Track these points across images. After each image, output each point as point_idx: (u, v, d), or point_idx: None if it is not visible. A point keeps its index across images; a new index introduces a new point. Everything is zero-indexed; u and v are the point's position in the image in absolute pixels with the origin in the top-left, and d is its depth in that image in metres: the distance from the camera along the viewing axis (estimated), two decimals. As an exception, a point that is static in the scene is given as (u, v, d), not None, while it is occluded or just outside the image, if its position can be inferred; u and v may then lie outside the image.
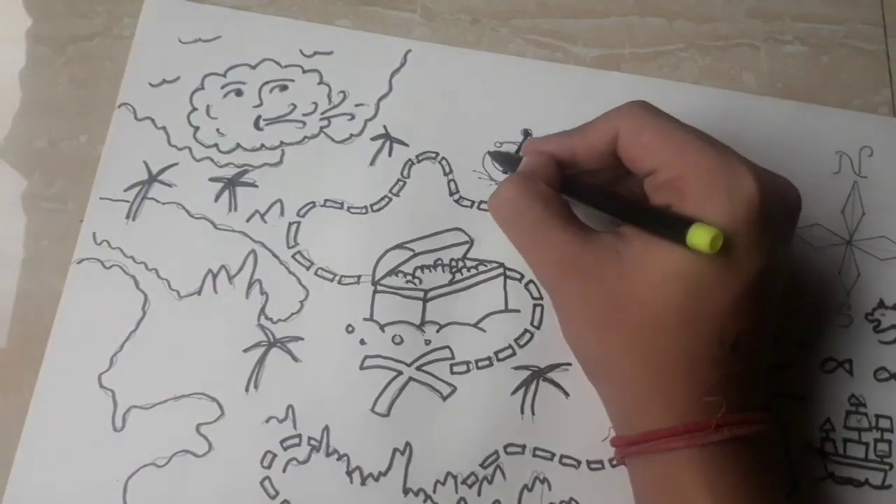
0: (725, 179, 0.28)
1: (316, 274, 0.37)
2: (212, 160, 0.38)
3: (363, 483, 0.34)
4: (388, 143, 0.38)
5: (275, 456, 0.34)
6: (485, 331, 0.36)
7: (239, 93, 0.39)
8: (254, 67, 0.40)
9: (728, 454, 0.29)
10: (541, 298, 0.37)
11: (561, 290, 0.31)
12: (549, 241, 0.30)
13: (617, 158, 0.31)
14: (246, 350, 0.36)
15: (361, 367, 0.35)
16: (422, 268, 0.37)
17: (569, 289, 0.30)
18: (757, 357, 0.30)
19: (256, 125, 0.39)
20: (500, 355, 0.36)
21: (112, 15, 0.41)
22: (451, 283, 0.37)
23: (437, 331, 0.36)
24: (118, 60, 0.40)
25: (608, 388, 0.32)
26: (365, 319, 0.36)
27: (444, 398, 0.35)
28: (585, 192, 0.33)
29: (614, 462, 0.35)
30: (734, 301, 0.28)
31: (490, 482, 0.34)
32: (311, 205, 0.38)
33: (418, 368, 0.36)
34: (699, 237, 0.27)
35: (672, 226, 0.28)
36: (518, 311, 0.37)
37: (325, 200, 0.38)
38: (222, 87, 0.39)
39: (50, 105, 0.39)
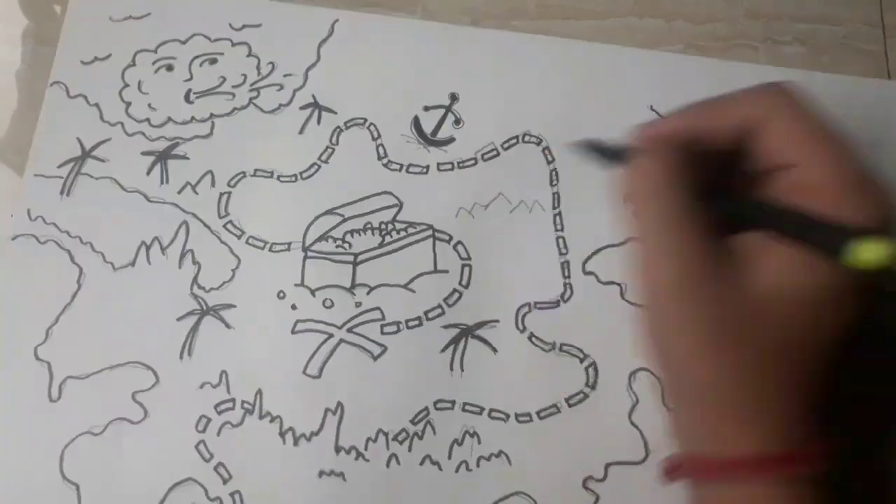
0: (871, 195, 0.26)
1: (247, 242, 0.37)
2: (143, 135, 0.39)
3: (296, 443, 0.35)
4: (316, 112, 0.39)
5: (209, 420, 0.35)
6: (414, 291, 0.37)
7: (170, 68, 0.40)
8: (184, 42, 0.40)
9: (819, 487, 0.26)
10: (469, 259, 0.37)
11: (677, 297, 0.27)
12: (683, 241, 0.27)
13: (739, 144, 0.28)
14: (179, 318, 0.36)
15: (293, 332, 0.36)
16: (351, 232, 0.37)
17: (687, 297, 0.27)
18: (848, 387, 0.29)
19: (187, 99, 0.39)
20: (430, 315, 0.37)
21: None
22: (381, 245, 0.37)
23: (368, 293, 0.37)
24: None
25: (696, 406, 0.28)
26: (296, 285, 0.37)
27: (375, 358, 0.36)
28: (713, 194, 0.29)
29: (542, 414, 0.35)
30: (842, 330, 0.27)
31: (420, 437, 0.35)
32: (241, 175, 0.38)
33: (349, 330, 0.36)
34: (869, 251, 0.24)
35: (831, 235, 0.25)
36: (447, 271, 0.37)
37: (255, 170, 0.38)
38: (153, 63, 0.40)
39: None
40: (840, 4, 0.41)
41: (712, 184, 0.29)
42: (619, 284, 0.37)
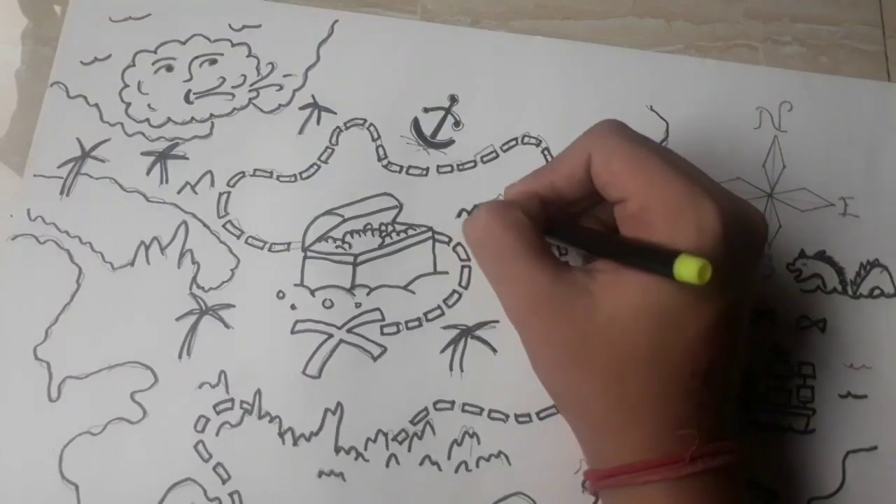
0: (693, 212, 0.28)
1: (246, 242, 0.37)
2: (143, 135, 0.39)
3: (295, 443, 0.35)
4: (316, 112, 0.39)
5: (208, 420, 0.35)
6: (414, 293, 0.37)
7: (169, 68, 0.40)
8: (184, 43, 0.40)
9: (702, 485, 0.29)
10: (468, 260, 0.37)
11: (529, 325, 0.31)
12: (521, 274, 0.30)
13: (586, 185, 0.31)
14: (178, 318, 0.36)
15: (292, 332, 0.36)
16: (351, 233, 0.37)
17: (537, 325, 0.30)
18: (728, 386, 0.30)
19: (187, 99, 0.39)
20: (430, 315, 0.37)
21: None
22: (381, 247, 0.37)
23: (368, 294, 0.37)
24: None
25: (579, 423, 0.31)
26: (295, 285, 0.37)
27: (375, 359, 0.36)
28: (562, 230, 0.33)
29: (541, 415, 0.35)
30: (705, 332, 0.28)
31: (420, 438, 0.35)
32: (240, 175, 0.38)
33: (349, 331, 0.36)
34: (686, 269, 0.26)
35: (657, 258, 0.27)
36: (446, 272, 0.37)
37: (255, 170, 0.38)
38: (153, 64, 0.40)
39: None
40: (840, 5, 0.41)
41: (564, 221, 0.32)
42: (618, 285, 0.37)
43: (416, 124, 0.39)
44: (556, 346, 0.30)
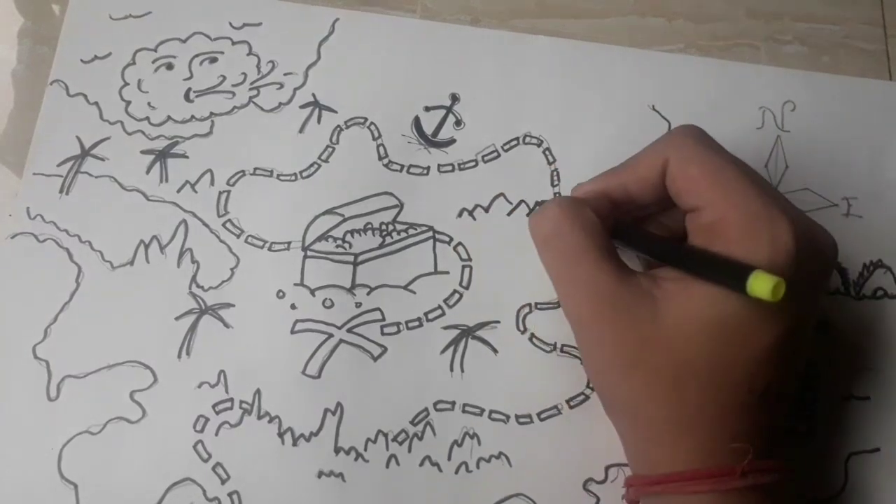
0: (768, 228, 0.28)
1: (246, 241, 0.37)
2: (143, 133, 0.39)
3: (294, 443, 0.35)
4: (316, 111, 0.39)
5: (207, 420, 0.35)
6: (415, 292, 0.37)
7: (170, 66, 0.40)
8: (184, 41, 0.40)
9: (751, 500, 0.28)
10: (469, 260, 0.37)
11: (589, 327, 0.30)
12: (586, 275, 0.29)
13: (659, 191, 0.31)
14: (178, 318, 0.36)
15: (292, 332, 0.36)
16: (352, 232, 0.37)
17: (598, 327, 0.30)
18: (782, 406, 0.30)
19: (187, 97, 0.39)
20: (430, 315, 0.36)
21: None
22: (382, 246, 0.37)
23: (368, 293, 0.37)
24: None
25: (629, 428, 0.31)
26: (295, 284, 0.37)
27: (375, 359, 0.36)
28: (630, 234, 0.32)
29: (542, 416, 0.35)
30: (767, 350, 0.28)
31: (420, 438, 0.35)
32: (240, 174, 0.38)
33: (349, 331, 0.36)
34: (761, 285, 0.26)
35: (730, 271, 0.27)
36: (447, 272, 0.37)
37: (255, 169, 0.38)
38: (153, 62, 0.40)
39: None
40: (841, 4, 0.41)
41: (632, 225, 0.32)
42: (619, 285, 0.37)
43: (417, 123, 0.39)
44: (616, 348, 0.29)
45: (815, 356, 0.36)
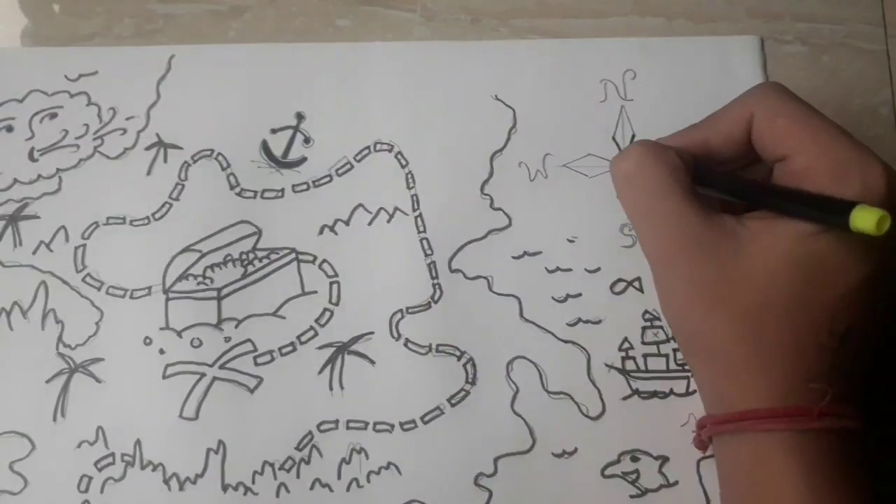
0: (859, 170, 0.28)
1: (107, 293, 0.37)
2: (-9, 200, 0.38)
3: (181, 488, 0.34)
4: (162, 150, 0.38)
5: (91, 479, 0.35)
6: (284, 317, 0.37)
7: (9, 129, 0.39)
8: (21, 101, 0.39)
9: (825, 443, 0.28)
10: (336, 276, 0.37)
11: (672, 262, 0.30)
12: (670, 211, 0.30)
13: (750, 145, 0.31)
14: (48, 380, 0.36)
15: (164, 377, 0.36)
16: (212, 266, 0.37)
17: (681, 263, 0.30)
18: (863, 352, 0.30)
19: (31, 157, 0.39)
20: (303, 338, 0.36)
21: (111, 15, 0.40)
22: (244, 276, 0.37)
23: (236, 326, 0.36)
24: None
25: (706, 366, 0.31)
26: (161, 329, 0.36)
27: (252, 391, 0.36)
28: (716, 179, 0.32)
29: (426, 419, 0.35)
30: (849, 292, 0.28)
31: (308, 462, 0.35)
32: (94, 225, 0.38)
33: (221, 367, 0.36)
34: (865, 218, 0.26)
35: (829, 206, 0.28)
36: (315, 291, 0.37)
37: (108, 218, 0.38)
38: (-8, 126, 0.39)
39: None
40: (841, 4, 0.41)
41: (715, 171, 0.32)
42: (485, 278, 0.37)
43: (265, 147, 0.39)
44: (698, 285, 0.29)
45: None
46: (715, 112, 0.32)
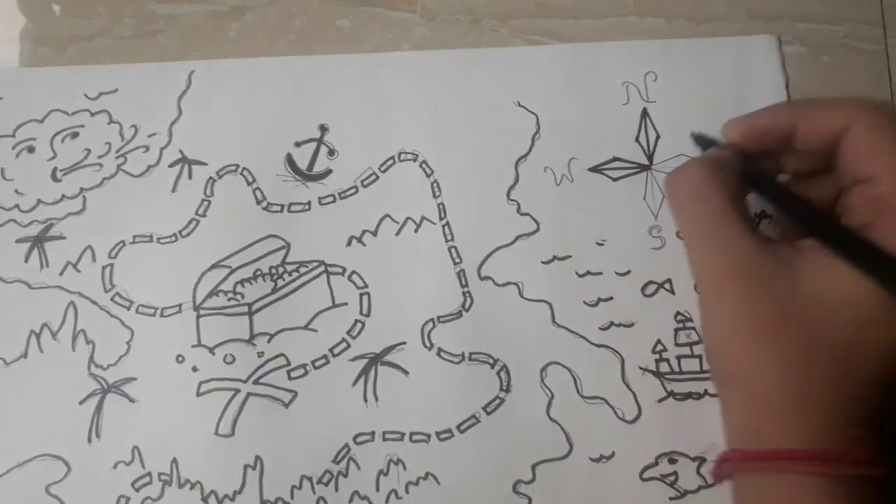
0: None
1: (137, 311, 0.37)
2: (15, 222, 0.38)
3: (220, 506, 0.34)
4: (186, 167, 0.38)
5: (129, 499, 0.34)
6: (316, 330, 0.36)
7: (31, 149, 0.39)
8: (41, 121, 0.39)
9: (857, 491, 0.27)
10: (366, 287, 0.37)
11: (723, 290, 0.29)
12: (728, 238, 0.29)
13: (829, 153, 0.30)
14: (81, 402, 0.35)
15: (198, 394, 0.35)
16: (242, 282, 0.37)
17: (733, 292, 0.29)
18: None
19: (54, 177, 0.38)
20: (335, 350, 0.36)
21: (112, 15, 0.40)
22: (275, 290, 0.37)
23: (269, 341, 0.36)
24: (119, 61, 0.40)
25: (742, 400, 0.30)
26: (193, 346, 0.36)
27: (287, 405, 0.35)
28: (774, 188, 0.31)
29: (462, 428, 0.35)
30: None
31: (345, 475, 0.35)
32: (121, 244, 0.37)
33: (255, 382, 0.36)
34: None
35: (881, 261, 0.27)
36: (346, 303, 0.37)
37: (134, 237, 0.37)
38: (13, 148, 0.39)
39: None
40: (841, 4, 0.41)
41: (782, 185, 0.31)
42: (515, 284, 0.37)
43: (290, 160, 0.39)
44: (748, 315, 0.28)
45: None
46: (811, 100, 0.31)
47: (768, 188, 0.32)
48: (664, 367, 0.36)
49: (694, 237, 0.30)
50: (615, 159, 0.38)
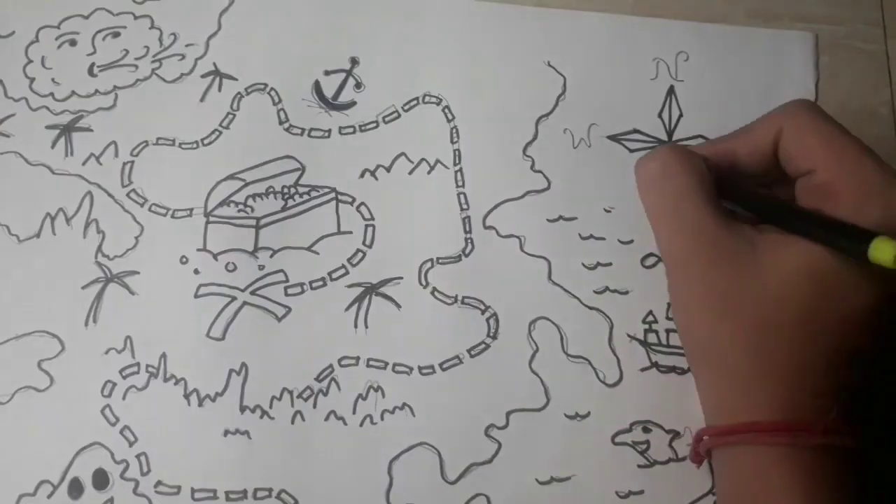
0: (882, 193, 0.28)
1: (150, 210, 0.38)
2: (48, 109, 0.39)
3: (200, 404, 0.35)
4: (217, 79, 0.39)
5: (114, 385, 0.35)
6: (318, 253, 0.37)
7: (73, 43, 0.40)
8: (87, 17, 0.40)
9: (827, 460, 0.28)
10: (372, 219, 0.38)
11: (687, 265, 0.30)
12: (690, 215, 0.30)
13: (777, 161, 0.31)
14: (84, 287, 0.37)
15: (196, 296, 0.36)
16: (254, 196, 0.38)
17: (696, 268, 0.30)
18: (868, 374, 0.30)
19: (91, 72, 0.40)
20: (334, 275, 0.37)
21: None
22: (284, 209, 0.38)
23: (271, 256, 0.37)
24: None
25: (710, 375, 0.31)
26: (198, 250, 0.37)
27: (279, 319, 0.36)
28: (739, 193, 0.32)
29: (444, 366, 0.36)
30: (863, 312, 0.28)
31: (325, 394, 0.35)
32: (143, 144, 0.39)
33: (252, 293, 0.37)
34: (883, 251, 0.26)
35: (848, 234, 0.28)
36: (350, 232, 0.38)
37: (158, 139, 0.39)
38: (56, 39, 0.40)
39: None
40: (841, 4, 0.41)
41: (739, 185, 0.32)
42: (518, 237, 0.37)
43: (317, 87, 0.39)
44: (712, 292, 0.29)
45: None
46: (746, 125, 0.32)
47: (731, 191, 0.32)
48: (652, 338, 0.36)
49: (658, 214, 0.31)
50: (635, 131, 0.39)
